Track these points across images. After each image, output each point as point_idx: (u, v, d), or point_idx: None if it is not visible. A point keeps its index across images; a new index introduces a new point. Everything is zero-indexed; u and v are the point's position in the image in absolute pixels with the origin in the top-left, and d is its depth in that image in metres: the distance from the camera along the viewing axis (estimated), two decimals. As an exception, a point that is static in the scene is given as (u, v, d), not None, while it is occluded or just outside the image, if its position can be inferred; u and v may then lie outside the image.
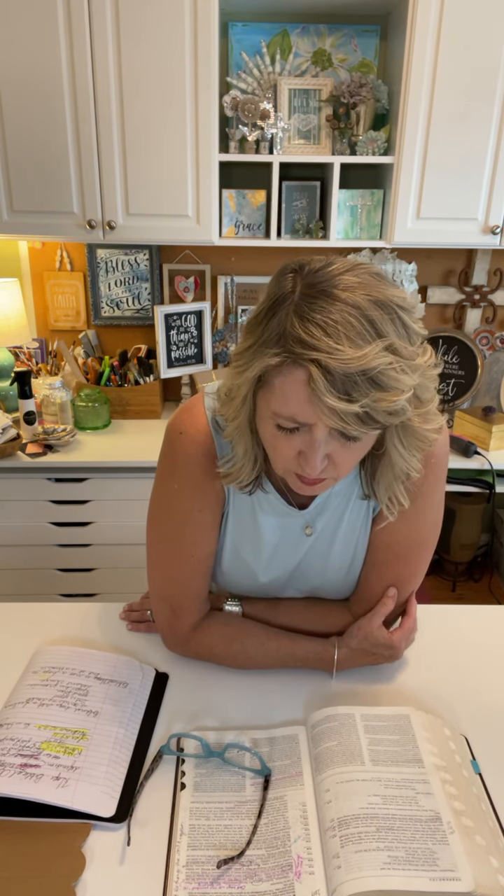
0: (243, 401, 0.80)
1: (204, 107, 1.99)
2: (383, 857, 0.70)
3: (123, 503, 2.14)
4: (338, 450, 0.77)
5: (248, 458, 0.88)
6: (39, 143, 2.02)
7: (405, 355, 0.71)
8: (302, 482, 0.82)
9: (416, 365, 0.73)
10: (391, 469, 0.86)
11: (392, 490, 0.89)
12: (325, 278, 0.71)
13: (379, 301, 0.70)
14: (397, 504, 0.90)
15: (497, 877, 0.69)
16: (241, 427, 0.84)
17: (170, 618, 1.01)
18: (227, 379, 0.84)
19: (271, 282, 0.76)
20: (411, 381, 0.72)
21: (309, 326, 0.69)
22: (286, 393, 0.73)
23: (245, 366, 0.77)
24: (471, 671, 1.03)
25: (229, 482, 0.92)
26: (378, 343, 0.69)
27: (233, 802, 0.79)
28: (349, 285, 0.70)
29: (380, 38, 2.23)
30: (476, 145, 2.04)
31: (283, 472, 0.83)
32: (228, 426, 0.86)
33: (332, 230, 2.21)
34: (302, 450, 0.77)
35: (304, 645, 1.00)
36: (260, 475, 0.92)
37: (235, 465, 0.89)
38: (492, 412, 2.25)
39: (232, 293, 2.53)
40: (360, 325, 0.69)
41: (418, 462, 0.85)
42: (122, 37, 1.92)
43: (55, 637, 1.09)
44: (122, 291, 2.51)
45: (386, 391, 0.70)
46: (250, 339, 0.76)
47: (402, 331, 0.72)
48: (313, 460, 0.76)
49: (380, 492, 0.90)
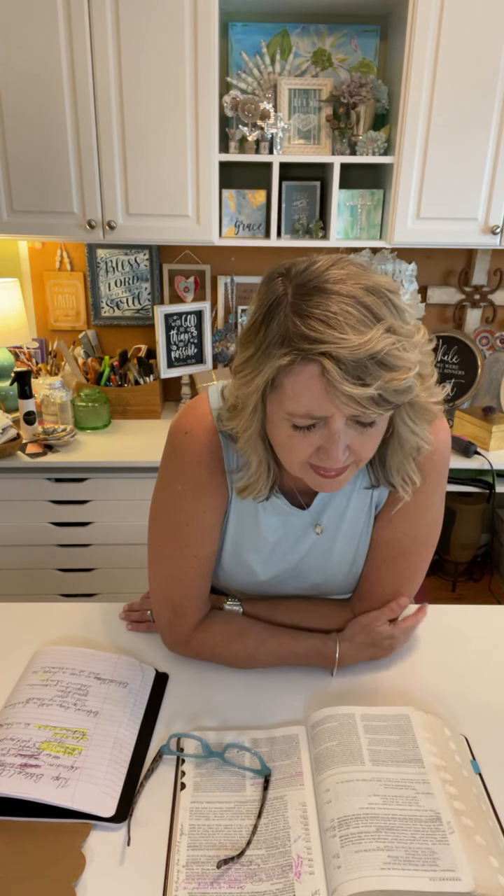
0: (254, 409, 0.81)
1: (204, 107, 1.99)
2: (383, 857, 0.70)
3: (123, 503, 2.14)
4: (356, 438, 0.78)
5: (263, 468, 0.88)
6: (39, 143, 2.02)
7: (404, 333, 0.73)
8: (323, 477, 0.82)
9: (414, 342, 0.75)
10: (401, 448, 0.87)
11: (404, 469, 0.90)
12: (314, 276, 0.73)
13: (369, 287, 0.72)
14: (410, 483, 0.91)
15: (497, 877, 0.69)
16: (254, 438, 0.85)
17: (171, 618, 1.01)
18: (232, 391, 0.84)
19: (260, 290, 0.78)
20: (415, 358, 0.74)
21: (311, 322, 0.71)
22: (298, 391, 0.74)
23: (252, 374, 0.77)
24: (471, 671, 1.03)
25: (247, 496, 0.92)
26: (379, 326, 0.71)
27: (233, 802, 0.79)
28: (339, 278, 0.73)
29: (380, 38, 2.23)
30: (476, 145, 2.04)
31: (300, 472, 0.83)
32: (241, 438, 0.86)
33: (332, 230, 2.21)
34: (321, 445, 0.78)
35: (304, 641, 1.00)
36: (275, 483, 0.92)
37: (252, 479, 0.90)
38: (492, 412, 2.25)
39: (232, 293, 2.53)
40: (358, 312, 0.70)
41: (428, 434, 0.86)
42: (122, 37, 1.92)
43: (55, 637, 1.09)
44: (122, 291, 2.51)
45: (395, 371, 0.71)
46: (251, 348, 0.77)
47: (395, 312, 0.74)
48: (335, 452, 0.77)
49: (392, 475, 0.91)
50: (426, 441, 0.87)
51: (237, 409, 0.84)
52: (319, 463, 0.80)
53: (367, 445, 0.80)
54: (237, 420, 0.85)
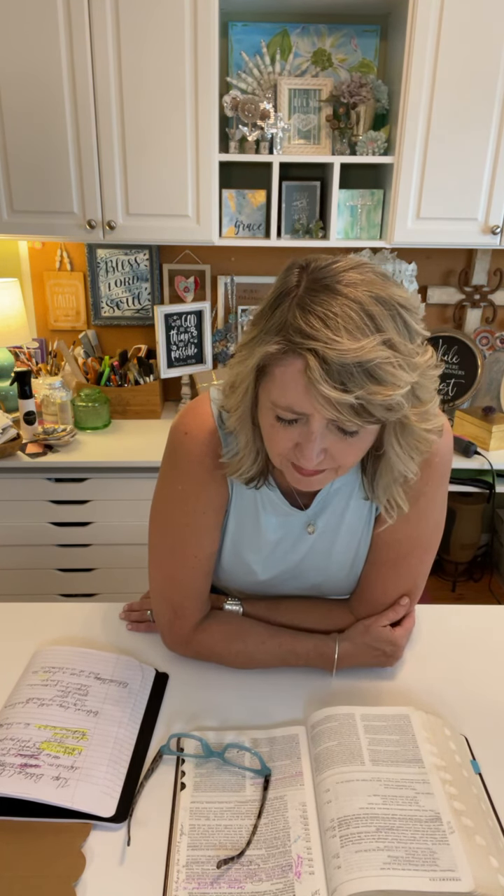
0: (245, 391, 0.81)
1: (204, 107, 1.99)
2: (383, 857, 0.70)
3: (123, 503, 2.14)
4: (336, 444, 0.78)
5: (250, 450, 0.88)
6: (40, 143, 2.02)
7: (403, 352, 0.72)
8: (300, 475, 0.82)
9: (414, 363, 0.74)
10: (390, 471, 0.86)
11: (390, 492, 0.89)
12: (329, 274, 0.73)
13: (380, 298, 0.72)
14: (396, 507, 0.91)
15: (497, 877, 0.69)
16: (243, 418, 0.85)
17: (171, 618, 1.01)
18: (230, 370, 0.85)
19: (278, 277, 0.78)
20: (409, 378, 0.73)
21: (309, 318, 0.71)
22: (285, 382, 0.74)
23: (247, 355, 0.79)
24: (471, 671, 1.03)
25: (231, 473, 0.92)
26: (376, 337, 0.70)
27: (233, 802, 0.79)
28: (352, 282, 0.72)
29: (380, 38, 2.23)
30: (476, 145, 2.04)
31: (280, 465, 0.84)
32: (231, 417, 0.87)
33: (332, 230, 2.21)
34: (299, 441, 0.78)
35: (305, 641, 1.00)
36: (265, 471, 0.92)
37: (237, 456, 0.90)
38: (492, 412, 2.25)
39: (232, 293, 2.53)
40: (359, 319, 0.70)
41: (416, 466, 0.86)
42: (122, 37, 1.92)
43: (55, 637, 1.09)
44: (122, 291, 2.51)
45: (381, 385, 0.71)
46: (254, 330, 0.78)
47: (402, 328, 0.73)
48: (309, 452, 0.77)
49: (379, 494, 0.90)
50: (413, 472, 0.86)
51: (233, 387, 0.85)
52: (294, 460, 0.80)
53: (348, 454, 0.79)
54: (231, 398, 0.85)
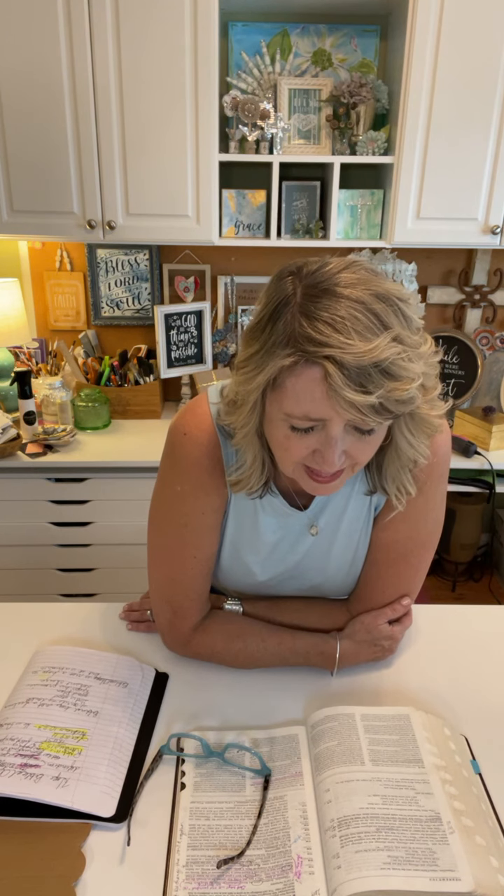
0: (253, 407, 0.81)
1: (204, 107, 1.99)
2: (383, 857, 0.70)
3: (123, 503, 2.14)
4: (354, 444, 0.78)
5: (257, 465, 0.88)
6: (40, 143, 2.02)
7: (410, 344, 0.73)
8: (317, 481, 0.82)
9: (420, 353, 0.75)
10: (398, 458, 0.87)
11: (400, 479, 0.90)
12: (324, 278, 0.73)
13: (380, 294, 0.72)
14: (405, 493, 0.91)
15: (497, 877, 0.69)
16: (250, 434, 0.84)
17: (171, 618, 1.01)
18: (232, 387, 0.84)
19: (269, 287, 0.77)
20: (419, 369, 0.74)
21: (318, 325, 0.70)
22: (299, 392, 0.73)
23: (254, 371, 0.77)
24: (471, 671, 1.03)
25: (239, 490, 0.92)
26: (386, 335, 0.70)
27: (233, 802, 0.79)
28: (349, 282, 0.72)
29: (380, 38, 2.23)
30: (476, 145, 2.04)
31: (293, 473, 0.83)
32: (237, 434, 0.86)
33: (332, 230, 2.21)
34: (318, 448, 0.78)
35: (305, 640, 1.00)
36: (268, 480, 0.92)
37: (245, 473, 0.89)
38: (492, 412, 2.25)
39: (232, 293, 2.53)
40: (366, 319, 0.70)
41: (426, 448, 0.86)
42: (122, 37, 1.92)
43: (55, 637, 1.09)
44: (122, 291, 2.51)
45: (398, 380, 0.71)
46: (255, 345, 0.77)
47: (403, 321, 0.73)
48: (331, 457, 0.77)
49: (388, 483, 0.90)
50: (423, 455, 0.86)
51: (236, 405, 0.84)
52: (315, 466, 0.80)
53: (364, 452, 0.80)
54: (235, 416, 0.85)
